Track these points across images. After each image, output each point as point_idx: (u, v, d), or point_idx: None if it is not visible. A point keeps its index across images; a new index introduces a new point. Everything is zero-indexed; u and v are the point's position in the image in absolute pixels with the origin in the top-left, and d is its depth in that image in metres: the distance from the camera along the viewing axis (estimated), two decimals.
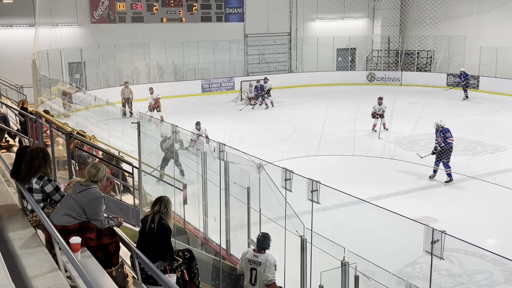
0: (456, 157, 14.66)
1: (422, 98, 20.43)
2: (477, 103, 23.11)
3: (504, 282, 7.84)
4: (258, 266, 6.21)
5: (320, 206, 6.07)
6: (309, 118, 19.26)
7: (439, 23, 27.74)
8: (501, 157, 14.07)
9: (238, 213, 7.70)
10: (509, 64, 26.11)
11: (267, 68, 30.51)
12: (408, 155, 14.85)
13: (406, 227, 5.53)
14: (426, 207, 10.94)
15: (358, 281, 5.33)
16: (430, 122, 16.04)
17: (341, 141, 16.10)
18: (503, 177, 12.51)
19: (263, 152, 14.60)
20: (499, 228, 10.04)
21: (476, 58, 27.98)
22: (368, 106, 20.32)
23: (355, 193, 10.26)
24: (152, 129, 10.00)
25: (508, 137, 15.76)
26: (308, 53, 31.51)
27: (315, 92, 27.94)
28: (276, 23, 30.30)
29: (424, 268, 7.79)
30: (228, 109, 23.60)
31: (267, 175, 6.82)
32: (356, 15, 32.67)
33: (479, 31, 27.73)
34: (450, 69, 29.69)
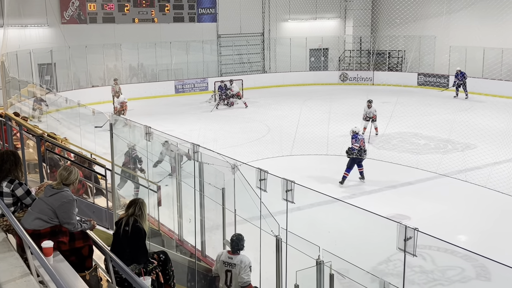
0: (427, 155, 14.93)
1: (393, 97, 20.72)
2: (447, 102, 23.54)
3: (476, 277, 8.00)
4: (233, 268, 6.19)
5: (295, 205, 6.10)
6: (283, 118, 19.34)
7: (409, 23, 28.18)
8: (471, 155, 14.36)
9: (213, 214, 7.68)
10: (477, 64, 26.67)
11: (240, 69, 30.51)
12: (381, 153, 15.04)
13: (380, 225, 5.61)
14: (399, 205, 11.09)
15: (333, 279, 5.37)
16: (402, 121, 16.34)
17: (315, 140, 16.20)
18: (473, 175, 12.77)
19: (237, 152, 14.59)
20: (470, 224, 10.25)
21: (446, 58, 28.50)
22: (341, 106, 20.50)
23: (329, 192, 10.36)
24: (125, 131, 9.90)
25: (477, 135, 16.09)
26: (281, 53, 31.62)
27: (288, 92, 28.06)
28: (249, 23, 30.32)
29: (397, 265, 7.90)
30: (201, 110, 23.52)
31: (242, 176, 6.82)
32: (328, 15, 32.93)
33: (449, 31, 28.27)
34: (421, 69, 30.18)
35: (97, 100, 23.31)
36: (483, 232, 9.83)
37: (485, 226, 10.11)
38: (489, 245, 9.16)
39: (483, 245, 9.17)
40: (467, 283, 7.86)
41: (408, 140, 16.84)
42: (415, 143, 16.40)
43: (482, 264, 8.06)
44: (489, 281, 7.92)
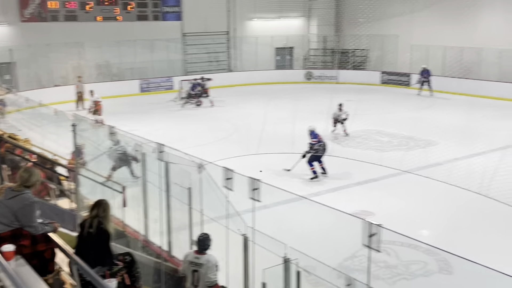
0: (390, 152, 15.20)
1: (357, 95, 21.03)
2: (409, 100, 24.01)
3: (438, 271, 8.19)
4: (199, 267, 6.16)
5: (262, 204, 6.13)
6: (249, 116, 19.37)
7: (372, 22, 28.61)
8: (433, 151, 14.71)
9: (179, 214, 7.64)
10: (438, 62, 27.29)
11: (206, 67, 30.36)
12: (346, 151, 15.23)
13: (345, 222, 5.69)
14: (364, 202, 11.25)
15: (300, 276, 5.42)
16: (366, 119, 16.60)
17: (281, 139, 16.29)
18: (434, 171, 13.07)
19: (203, 151, 14.52)
20: (432, 219, 10.48)
21: (408, 57, 29.07)
22: (306, 104, 20.67)
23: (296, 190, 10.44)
24: (89, 131, 9.74)
25: (439, 132, 16.49)
26: (247, 52, 31.64)
27: (254, 91, 28.11)
28: (214, 22, 30.21)
29: (362, 261, 8.01)
30: (167, 109, 23.32)
31: (208, 175, 6.80)
32: (293, 14, 33.12)
33: (410, 30, 28.83)
34: (384, 67, 30.68)
35: (59, 100, 22.83)
36: (445, 227, 10.08)
37: (446, 221, 10.36)
38: (450, 239, 9.39)
39: (445, 239, 9.41)
40: (429, 277, 8.04)
41: (372, 138, 17.11)
42: (379, 141, 16.68)
43: (444, 258, 8.26)
44: (451, 274, 8.13)
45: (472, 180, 12.02)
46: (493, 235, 9.62)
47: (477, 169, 12.59)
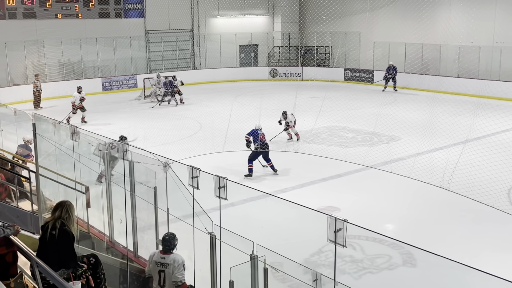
0: (355, 148, 15.40)
1: (322, 92, 21.21)
2: (372, 96, 24.38)
3: (402, 264, 8.36)
4: (165, 267, 6.11)
5: (228, 202, 6.11)
6: (215, 114, 19.30)
7: (335, 19, 28.91)
8: (396, 146, 14.97)
9: (145, 213, 7.55)
10: (400, 59, 27.81)
11: (170, 65, 30.13)
12: (311, 148, 15.36)
13: (311, 218, 5.72)
14: (330, 197, 11.38)
15: (267, 273, 5.43)
16: (330, 116, 16.76)
17: None
18: (397, 166, 13.32)
19: (169, 150, 14.41)
20: (396, 213, 10.68)
21: (370, 53, 29.52)
22: (271, 101, 20.71)
23: (262, 187, 10.50)
24: (50, 131, 9.52)
25: (401, 127, 16.79)
26: (211, 49, 31.54)
27: (219, 88, 28.04)
28: (177, 19, 29.98)
29: (329, 256, 8.11)
30: (131, 107, 23.02)
31: (174, 174, 6.74)
32: (256, 11, 33.16)
33: (372, 27, 29.29)
34: (347, 64, 31.07)
35: (19, 99, 22.26)
36: (408, 220, 10.29)
37: (410, 214, 10.58)
38: (414, 232, 9.60)
39: (408, 233, 9.61)
40: (394, 270, 8.19)
41: (337, 134, 17.31)
42: (343, 137, 16.89)
43: (408, 251, 8.43)
44: (414, 267, 8.30)
45: (434, 174, 12.31)
46: (454, 227, 9.88)
47: (439, 163, 12.90)
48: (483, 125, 15.51)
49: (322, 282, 4.94)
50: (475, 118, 15.00)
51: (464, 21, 24.25)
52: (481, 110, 17.48)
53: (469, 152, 12.79)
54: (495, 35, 24.62)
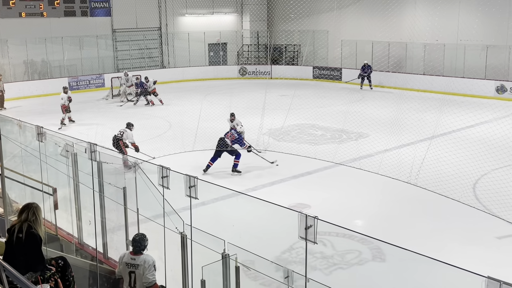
0: (324, 145, 15.54)
1: (291, 90, 21.32)
2: (341, 94, 24.63)
3: (372, 259, 8.48)
4: (136, 269, 6.05)
5: (199, 201, 6.09)
6: (184, 113, 19.19)
7: (303, 18, 29.09)
8: (364, 143, 15.18)
9: (114, 214, 7.46)
10: (367, 57, 28.16)
11: (138, 64, 29.81)
12: (281, 145, 15.43)
13: (282, 215, 5.75)
14: (300, 194, 11.45)
15: (239, 271, 5.44)
16: (300, 114, 16.87)
17: (217, 135, 16.24)
18: (366, 162, 13.50)
19: None
20: (365, 209, 10.83)
21: (338, 52, 29.81)
22: (241, 100, 20.73)
23: (233, 186, 10.50)
24: (15, 132, 9.31)
25: (369, 124, 17.02)
26: (180, 48, 31.34)
27: (188, 87, 27.89)
28: (145, 17, 29.69)
29: (300, 252, 8.17)
30: (99, 107, 22.69)
31: (144, 174, 6.69)
32: (225, 10, 33.10)
33: (340, 25, 29.57)
34: (316, 62, 31.31)
35: None
36: (377, 216, 10.45)
37: (378, 210, 10.74)
38: (383, 227, 9.75)
39: (377, 228, 9.76)
40: (364, 265, 8.31)
41: (306, 132, 17.43)
42: (313, 134, 17.02)
43: (377, 246, 8.56)
44: (384, 261, 8.44)
45: (402, 170, 12.52)
46: (422, 222, 10.08)
47: (406, 159, 13.13)
48: (449, 121, 15.85)
49: (294, 278, 4.97)
50: (441, 114, 15.32)
51: (429, 19, 24.74)
52: (447, 106, 17.88)
53: (436, 147, 13.06)
54: (459, 33, 25.18)
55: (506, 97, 22.53)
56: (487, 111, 19.17)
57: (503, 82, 22.97)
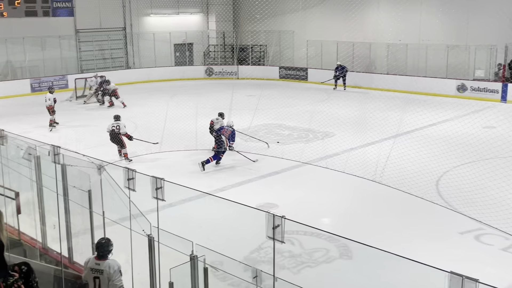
0: (291, 145, 15.64)
1: (257, 90, 21.38)
2: (307, 94, 24.83)
3: (339, 257, 8.59)
4: (100, 274, 5.93)
5: (167, 202, 6.06)
6: (150, 114, 19.01)
7: (269, 18, 29.19)
8: (330, 142, 15.35)
9: (79, 218, 7.34)
10: (332, 57, 28.48)
11: (103, 65, 29.36)
12: (248, 145, 15.45)
13: (250, 215, 5.77)
14: (268, 194, 11.50)
15: (207, 273, 5.43)
16: (267, 114, 16.94)
17: (184, 136, 16.17)
18: (332, 161, 13.65)
19: (103, 152, 14.06)
20: (332, 207, 10.95)
21: (304, 52, 30.04)
22: (208, 100, 20.66)
23: (201, 187, 10.46)
24: None
25: (335, 123, 17.21)
26: (145, 48, 31.03)
27: (154, 88, 27.64)
28: (109, 18, 29.26)
29: (268, 252, 8.19)
30: (62, 109, 22.19)
31: (109, 176, 6.61)
32: (190, 10, 32.93)
33: (305, 26, 29.82)
34: (282, 62, 31.47)
35: None
36: (344, 214, 10.58)
37: (345, 208, 10.88)
38: (349, 225, 9.88)
39: (344, 226, 9.88)
40: (331, 263, 8.40)
41: (273, 131, 17.50)
42: (280, 134, 17.10)
43: (344, 244, 8.67)
44: (351, 259, 8.55)
45: (367, 168, 12.71)
46: (387, 219, 10.25)
47: (371, 157, 13.33)
48: (412, 119, 16.16)
49: (262, 278, 4.99)
50: (404, 113, 15.63)
51: (392, 20, 25.18)
52: (410, 105, 18.24)
53: (399, 146, 13.31)
54: (421, 34, 25.73)
55: (466, 96, 23.13)
56: (449, 110, 19.65)
57: (463, 81, 23.57)
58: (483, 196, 10.70)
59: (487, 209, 10.05)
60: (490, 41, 23.33)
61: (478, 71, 24.47)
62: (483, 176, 11.56)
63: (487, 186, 11.21)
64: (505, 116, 16.56)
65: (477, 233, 9.39)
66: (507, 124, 15.22)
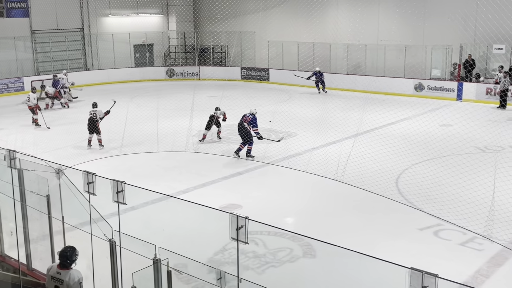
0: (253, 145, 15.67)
1: (219, 91, 21.31)
2: (268, 94, 24.93)
3: (303, 256, 8.65)
4: (60, 284, 5.68)
5: (128, 206, 5.97)
6: (110, 116, 18.67)
7: (230, 19, 29.19)
8: (292, 142, 15.45)
9: (38, 224, 7.16)
10: (293, 57, 28.71)
11: (60, 66, 28.68)
12: (211, 147, 15.40)
13: (213, 217, 5.74)
14: (231, 195, 11.48)
15: (171, 276, 5.38)
16: (229, 114, 16.87)
17: (145, 138, 15.99)
18: (295, 161, 13.75)
19: (62, 156, 13.79)
20: (295, 207, 11.02)
21: (265, 52, 30.16)
22: (169, 102, 20.47)
23: (163, 189, 10.34)
24: None
25: (297, 123, 17.34)
26: (104, 49, 30.51)
27: (114, 89, 27.20)
28: (66, 18, 28.64)
29: (232, 253, 8.19)
30: (18, 111, 21.61)
31: (68, 180, 6.46)
32: (150, 11, 32.59)
33: (266, 26, 29.95)
34: (243, 63, 31.51)
35: None
36: (307, 213, 10.66)
37: (308, 208, 10.96)
38: (312, 224, 9.97)
39: (307, 225, 9.97)
40: (295, 262, 8.46)
41: (235, 132, 17.46)
42: None
43: (308, 242, 8.74)
44: (314, 257, 8.63)
45: (329, 167, 12.86)
46: (350, 217, 10.40)
47: (333, 157, 13.49)
48: (371, 119, 16.45)
49: (227, 280, 4.98)
50: (364, 112, 15.88)
51: (351, 20, 25.58)
52: (369, 105, 18.56)
53: (360, 145, 13.51)
54: (379, 34, 26.22)
55: (423, 95, 23.71)
56: (407, 109, 20.11)
57: (420, 80, 24.14)
58: (441, 193, 10.99)
59: (445, 205, 10.32)
60: (446, 42, 24.00)
61: (434, 70, 25.14)
62: (441, 173, 11.86)
63: (445, 183, 11.52)
64: (460, 114, 17.03)
65: (436, 228, 9.63)
66: (463, 122, 15.67)
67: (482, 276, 7.87)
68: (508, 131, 14.96)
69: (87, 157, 14.20)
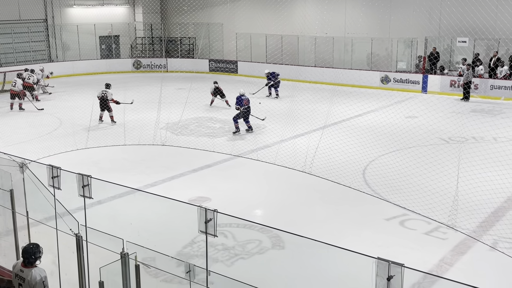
0: (222, 138, 15.64)
1: (187, 83, 21.17)
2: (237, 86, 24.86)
3: (272, 247, 8.70)
4: (23, 282, 5.54)
5: (95, 200, 5.90)
6: (75, 109, 18.36)
7: (197, 11, 28.95)
8: (261, 134, 15.49)
9: (1, 219, 7.00)
10: (261, 50, 28.69)
11: (23, 58, 27.97)
12: (179, 139, 15.29)
13: (182, 210, 5.72)
14: (200, 188, 11.44)
15: (139, 270, 5.34)
16: (197, 107, 16.82)
17: (111, 131, 15.77)
18: (263, 153, 13.78)
19: (25, 149, 13.46)
20: (264, 199, 11.07)
21: (233, 44, 30.05)
22: (136, 94, 20.20)
23: (131, 183, 10.24)
24: None
25: (265, 116, 17.35)
26: (69, 41, 29.88)
27: (79, 81, 26.73)
28: (29, 9, 27.89)
29: (201, 246, 8.18)
30: None
31: (32, 174, 6.33)
32: (116, 1, 32.04)
33: (234, 18, 29.82)
34: (211, 55, 31.34)
35: None
36: (276, 205, 10.72)
37: (276, 199, 11.02)
38: (281, 216, 10.03)
39: (276, 217, 10.02)
40: (264, 254, 8.50)
41: (205, 125, 17.42)
42: (211, 127, 17.05)
43: (277, 234, 8.80)
44: (283, 249, 8.69)
45: (297, 159, 12.94)
46: (318, 209, 10.50)
47: (301, 148, 13.58)
48: (339, 111, 16.59)
49: (195, 273, 4.97)
50: (331, 104, 16.02)
51: (318, 13, 25.70)
52: (337, 97, 18.72)
53: (328, 137, 13.63)
54: (346, 27, 26.43)
55: (389, 87, 24.05)
56: (373, 101, 20.39)
57: (387, 73, 24.48)
58: (407, 183, 11.20)
59: (411, 196, 10.53)
60: (411, 34, 24.38)
61: (400, 63, 25.52)
62: (406, 164, 12.08)
63: (410, 174, 11.74)
64: (425, 106, 17.36)
65: (402, 218, 9.82)
66: (427, 114, 15.98)
67: (446, 265, 8.07)
68: (471, 123, 15.32)
69: (52, 151, 13.91)
